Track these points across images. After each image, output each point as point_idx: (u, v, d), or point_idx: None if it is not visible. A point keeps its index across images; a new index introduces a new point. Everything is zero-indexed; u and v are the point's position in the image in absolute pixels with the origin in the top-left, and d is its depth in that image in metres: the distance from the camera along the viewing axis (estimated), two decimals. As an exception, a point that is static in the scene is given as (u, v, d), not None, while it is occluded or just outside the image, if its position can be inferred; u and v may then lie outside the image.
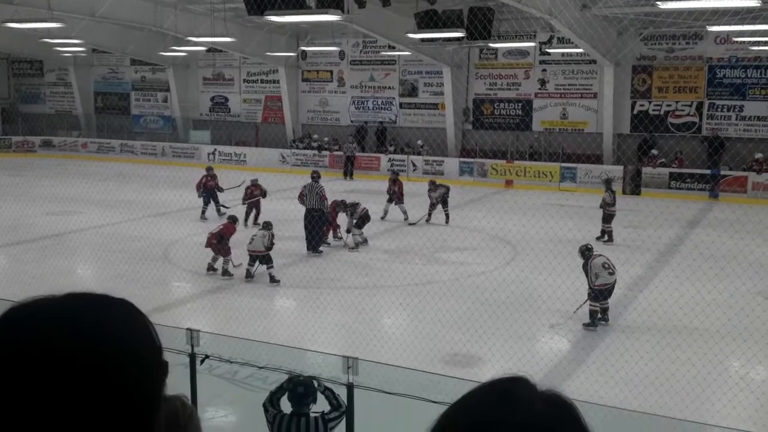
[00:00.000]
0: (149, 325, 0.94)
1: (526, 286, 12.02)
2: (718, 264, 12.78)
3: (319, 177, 15.68)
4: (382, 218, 18.03)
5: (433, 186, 18.60)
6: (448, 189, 18.53)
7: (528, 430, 0.78)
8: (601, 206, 16.34)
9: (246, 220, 17.02)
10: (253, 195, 17.59)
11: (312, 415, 5.39)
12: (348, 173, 27.64)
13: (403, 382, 5.95)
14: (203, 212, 18.70)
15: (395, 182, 18.51)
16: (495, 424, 0.79)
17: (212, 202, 18.84)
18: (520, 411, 0.80)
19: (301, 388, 5.41)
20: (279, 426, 5.36)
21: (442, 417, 0.84)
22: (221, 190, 18.86)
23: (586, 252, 10.94)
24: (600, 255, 10.87)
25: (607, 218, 16.16)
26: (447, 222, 18.03)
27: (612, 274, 10.64)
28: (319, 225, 15.01)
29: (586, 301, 10.67)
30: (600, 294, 10.60)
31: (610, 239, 15.93)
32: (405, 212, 18.15)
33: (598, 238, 15.66)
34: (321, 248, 15.12)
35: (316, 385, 5.44)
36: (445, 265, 14.46)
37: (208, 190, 18.85)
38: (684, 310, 10.21)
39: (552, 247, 13.24)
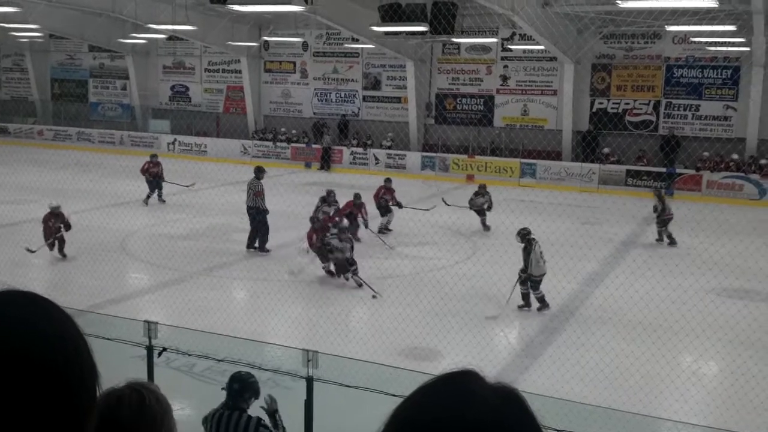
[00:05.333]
0: (75, 324, 0.95)
1: (486, 281, 12.12)
2: (672, 261, 13.04)
3: (261, 173, 14.89)
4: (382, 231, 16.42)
5: (483, 190, 17.09)
6: (491, 199, 17.04)
7: (481, 426, 0.78)
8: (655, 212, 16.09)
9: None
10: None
11: (248, 414, 5.35)
12: (325, 165, 27.59)
13: (363, 375, 5.95)
14: (147, 197, 18.92)
15: (389, 190, 16.91)
16: (449, 420, 0.78)
17: (157, 190, 19.09)
18: (474, 406, 0.80)
19: (236, 384, 5.39)
20: (211, 419, 5.33)
21: (394, 414, 0.84)
22: (163, 179, 19.06)
23: (527, 236, 11.29)
24: (538, 243, 11.28)
25: (662, 223, 15.92)
26: (488, 229, 16.72)
27: (545, 263, 11.20)
28: (259, 223, 14.40)
29: (515, 285, 11.06)
30: (536, 284, 11.07)
31: (673, 242, 15.74)
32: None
33: (658, 240, 15.85)
34: (268, 247, 14.47)
35: (265, 398, 5.39)
36: (406, 259, 14.51)
37: (153, 177, 18.97)
38: (638, 305, 10.41)
39: (512, 242, 13.36)
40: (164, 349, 7.65)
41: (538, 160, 24.88)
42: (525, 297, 11.19)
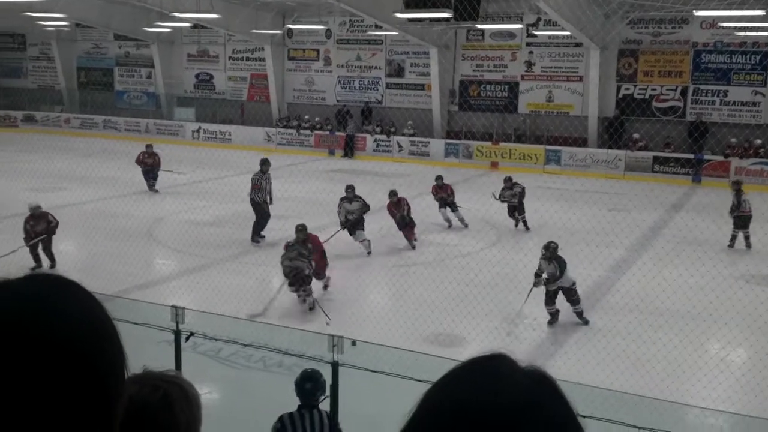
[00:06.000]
0: (104, 308, 0.96)
1: (511, 268, 12.07)
2: (701, 248, 12.89)
3: (264, 165, 14.75)
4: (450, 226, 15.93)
5: (509, 182, 15.91)
6: (524, 190, 15.82)
7: (515, 408, 0.77)
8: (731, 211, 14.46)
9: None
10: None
11: (321, 410, 5.38)
12: (349, 153, 27.62)
13: (387, 361, 5.97)
14: (152, 186, 19.10)
15: (442, 188, 16.08)
16: (482, 403, 0.78)
17: (152, 180, 19.08)
18: (507, 389, 0.79)
19: (309, 384, 5.40)
20: (291, 423, 5.30)
21: (425, 398, 0.83)
22: (158, 168, 19.06)
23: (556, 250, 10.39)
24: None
25: (739, 222, 14.22)
26: (527, 228, 15.55)
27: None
28: (266, 215, 14.51)
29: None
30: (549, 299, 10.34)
31: (748, 245, 14.18)
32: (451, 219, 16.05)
33: (730, 246, 14.21)
34: (263, 234, 14.46)
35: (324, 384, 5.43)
36: (430, 246, 14.49)
37: (148, 167, 19.01)
38: (666, 293, 10.31)
39: (537, 229, 13.30)
40: (192, 334, 7.71)
41: (563, 147, 24.67)
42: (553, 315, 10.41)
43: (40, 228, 12.09)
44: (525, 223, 15.62)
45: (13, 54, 37.53)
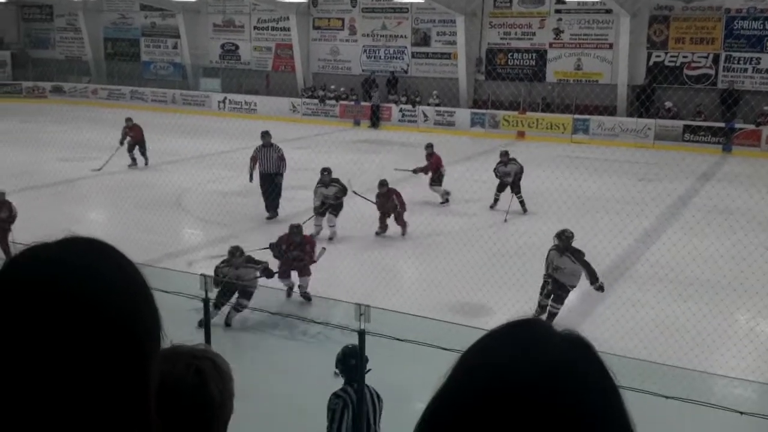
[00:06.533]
0: (140, 272, 0.97)
1: (539, 238, 11.99)
2: (732, 217, 12.71)
3: (264, 137, 14.37)
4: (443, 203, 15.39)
5: (506, 157, 14.82)
6: (522, 169, 14.71)
7: (551, 369, 0.77)
8: None
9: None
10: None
11: (368, 385, 5.40)
12: (375, 123, 27.54)
13: (413, 330, 5.98)
14: (134, 161, 18.81)
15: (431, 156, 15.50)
16: (517, 364, 0.78)
17: (140, 153, 18.77)
18: (543, 350, 0.79)
19: (353, 360, 5.41)
20: (342, 402, 5.27)
21: (460, 361, 0.83)
22: (143, 143, 18.72)
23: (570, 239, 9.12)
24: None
25: None
26: (525, 210, 14.59)
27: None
28: (279, 188, 14.20)
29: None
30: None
31: None
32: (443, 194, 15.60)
33: None
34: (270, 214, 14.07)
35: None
36: (456, 216, 14.45)
37: (133, 141, 18.68)
38: (696, 262, 10.20)
39: (565, 199, 13.18)
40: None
41: (591, 116, 24.37)
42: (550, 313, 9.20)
43: (3, 215, 11.13)
44: (522, 203, 14.48)
45: (41, 25, 37.75)
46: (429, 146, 15.57)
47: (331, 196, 12.88)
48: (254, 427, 6.38)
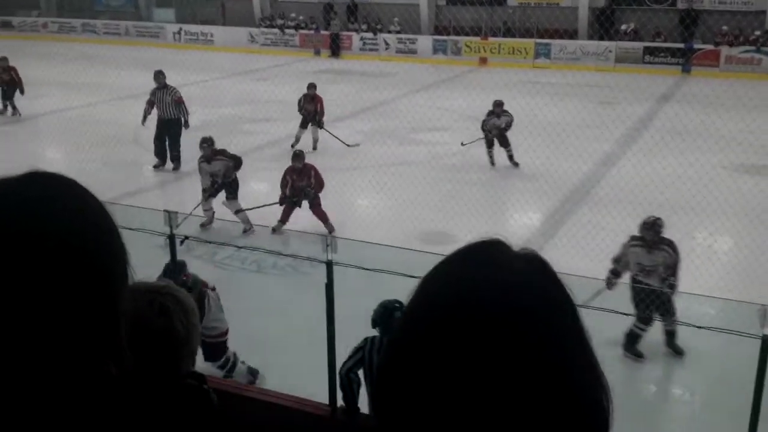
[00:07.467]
0: (105, 207, 0.95)
1: (500, 165, 12.09)
2: (690, 137, 12.89)
3: (157, 77, 13.17)
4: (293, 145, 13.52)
5: (499, 108, 13.08)
6: (512, 120, 13.02)
7: (508, 287, 0.79)
8: None
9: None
10: None
11: None
12: (335, 52, 27.05)
13: (380, 259, 6.04)
14: (5, 107, 17.21)
15: (313, 99, 14.26)
16: (479, 281, 0.80)
17: (9, 100, 17.06)
18: (502, 267, 0.82)
19: (398, 312, 5.17)
20: (378, 352, 5.08)
21: (421, 283, 0.85)
22: (20, 86, 16.91)
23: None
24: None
25: None
26: (516, 165, 12.77)
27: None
28: (178, 134, 13.08)
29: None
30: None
31: None
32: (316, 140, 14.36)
33: None
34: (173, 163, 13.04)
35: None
36: (420, 145, 14.43)
37: (5, 84, 17.02)
38: (655, 183, 10.39)
39: (526, 124, 13.22)
40: (186, 238, 7.75)
41: (553, 40, 24.26)
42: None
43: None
44: (511, 158, 12.87)
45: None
46: (312, 86, 14.33)
47: (219, 174, 10.17)
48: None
